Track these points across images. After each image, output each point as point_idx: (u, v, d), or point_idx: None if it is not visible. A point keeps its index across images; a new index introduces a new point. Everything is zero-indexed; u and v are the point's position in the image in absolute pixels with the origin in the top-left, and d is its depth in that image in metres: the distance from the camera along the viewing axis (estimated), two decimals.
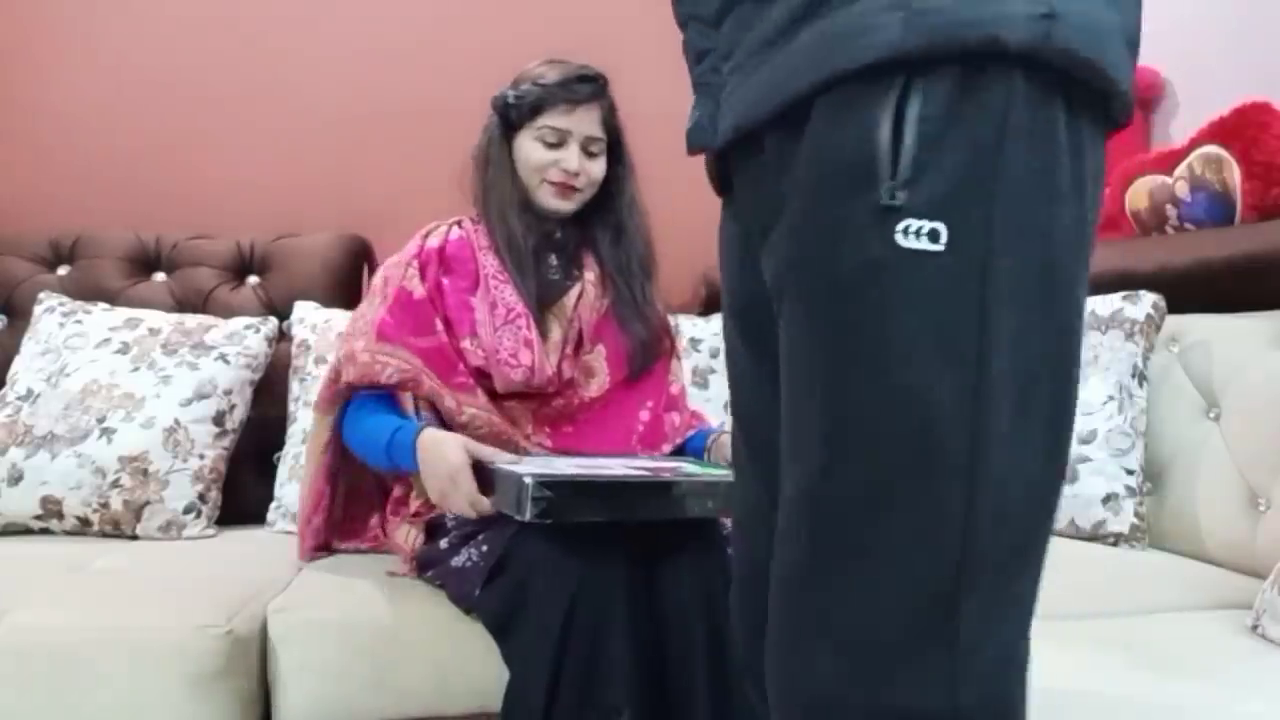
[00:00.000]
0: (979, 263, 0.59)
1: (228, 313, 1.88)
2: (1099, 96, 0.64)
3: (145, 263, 1.97)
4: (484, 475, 1.22)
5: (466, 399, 1.40)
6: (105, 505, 1.61)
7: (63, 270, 1.94)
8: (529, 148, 1.47)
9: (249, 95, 2.12)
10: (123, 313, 1.81)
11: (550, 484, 1.10)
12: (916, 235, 0.58)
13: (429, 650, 1.28)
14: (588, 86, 1.48)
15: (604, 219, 1.55)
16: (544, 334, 1.46)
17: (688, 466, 1.34)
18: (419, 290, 1.44)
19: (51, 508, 1.61)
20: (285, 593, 1.36)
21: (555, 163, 1.46)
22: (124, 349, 1.72)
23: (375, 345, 1.40)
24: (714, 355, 1.95)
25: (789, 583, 0.65)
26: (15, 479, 1.61)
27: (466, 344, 1.42)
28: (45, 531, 1.64)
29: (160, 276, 1.97)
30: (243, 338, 1.78)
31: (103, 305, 1.83)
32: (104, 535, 1.63)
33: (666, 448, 1.53)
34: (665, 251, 2.30)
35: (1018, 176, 0.60)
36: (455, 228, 1.53)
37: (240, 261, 1.99)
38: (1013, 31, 0.59)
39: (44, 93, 2.06)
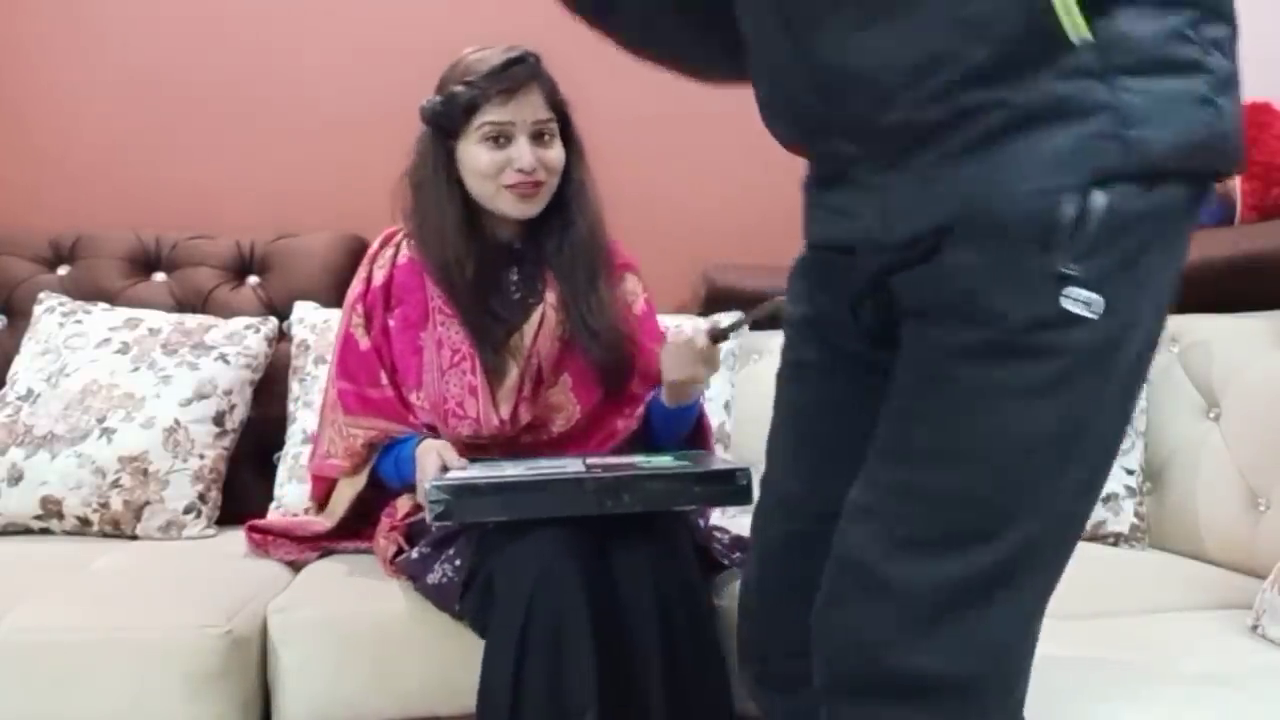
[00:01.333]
0: (1116, 336, 0.72)
1: (228, 313, 1.87)
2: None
3: (145, 263, 1.97)
4: None
5: (431, 436, 1.38)
6: (105, 505, 1.61)
7: (63, 270, 1.94)
8: (473, 153, 1.34)
9: (249, 95, 2.12)
10: (123, 313, 1.81)
11: (447, 487, 1.18)
12: (1076, 301, 0.70)
13: (428, 650, 1.28)
14: (520, 69, 1.34)
15: (550, 216, 1.41)
16: (500, 373, 1.37)
17: (638, 459, 1.33)
18: (364, 341, 1.40)
19: (51, 508, 1.61)
20: (285, 593, 1.36)
21: (508, 163, 1.33)
22: (124, 349, 1.72)
23: (345, 419, 1.40)
24: None
25: (865, 549, 0.77)
26: (15, 479, 1.61)
27: (414, 398, 1.39)
28: (45, 531, 1.64)
29: (160, 276, 1.97)
30: (243, 338, 1.77)
31: (103, 305, 1.83)
32: (104, 535, 1.63)
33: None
34: (665, 251, 2.30)
35: (1154, 270, 0.74)
36: (404, 247, 1.43)
37: (240, 261, 1.99)
38: (1206, 159, 0.73)
39: (43, 93, 2.06)
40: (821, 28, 0.76)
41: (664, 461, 1.32)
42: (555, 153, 1.37)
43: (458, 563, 1.26)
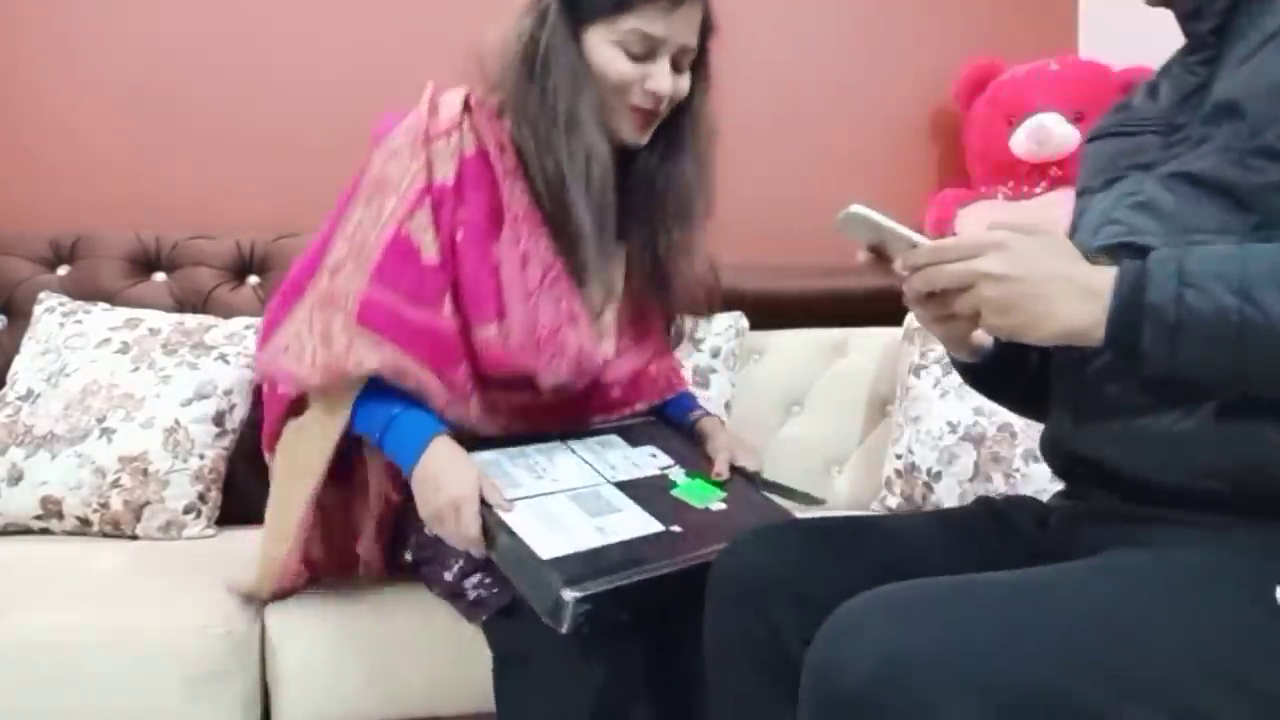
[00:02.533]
0: None
1: (228, 313, 1.87)
2: None
3: (145, 263, 1.97)
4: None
5: (455, 408, 1.15)
6: (105, 505, 1.61)
7: (63, 270, 1.94)
8: (607, 55, 1.13)
9: (249, 96, 2.12)
10: (123, 313, 1.81)
11: (590, 598, 0.97)
12: None
13: (427, 650, 1.28)
14: None
15: (655, 136, 1.20)
16: (592, 309, 1.17)
17: (682, 481, 1.25)
18: (430, 252, 1.11)
19: (51, 508, 1.61)
20: None
21: (642, 80, 1.13)
22: (124, 349, 1.72)
23: (356, 328, 1.10)
24: (714, 355, 1.95)
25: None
26: (15, 479, 1.61)
27: (489, 332, 1.12)
28: (45, 531, 1.63)
29: (160, 276, 1.97)
30: (243, 338, 1.77)
31: (103, 305, 1.83)
32: (104, 535, 1.63)
33: (640, 405, 1.34)
34: None
35: None
36: (468, 133, 1.16)
37: (240, 261, 1.99)
38: None
39: (43, 93, 2.05)
40: None
41: (698, 486, 1.25)
42: (686, 81, 1.19)
43: (487, 581, 1.14)
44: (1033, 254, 0.80)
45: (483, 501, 1.08)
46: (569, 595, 0.97)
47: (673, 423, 1.39)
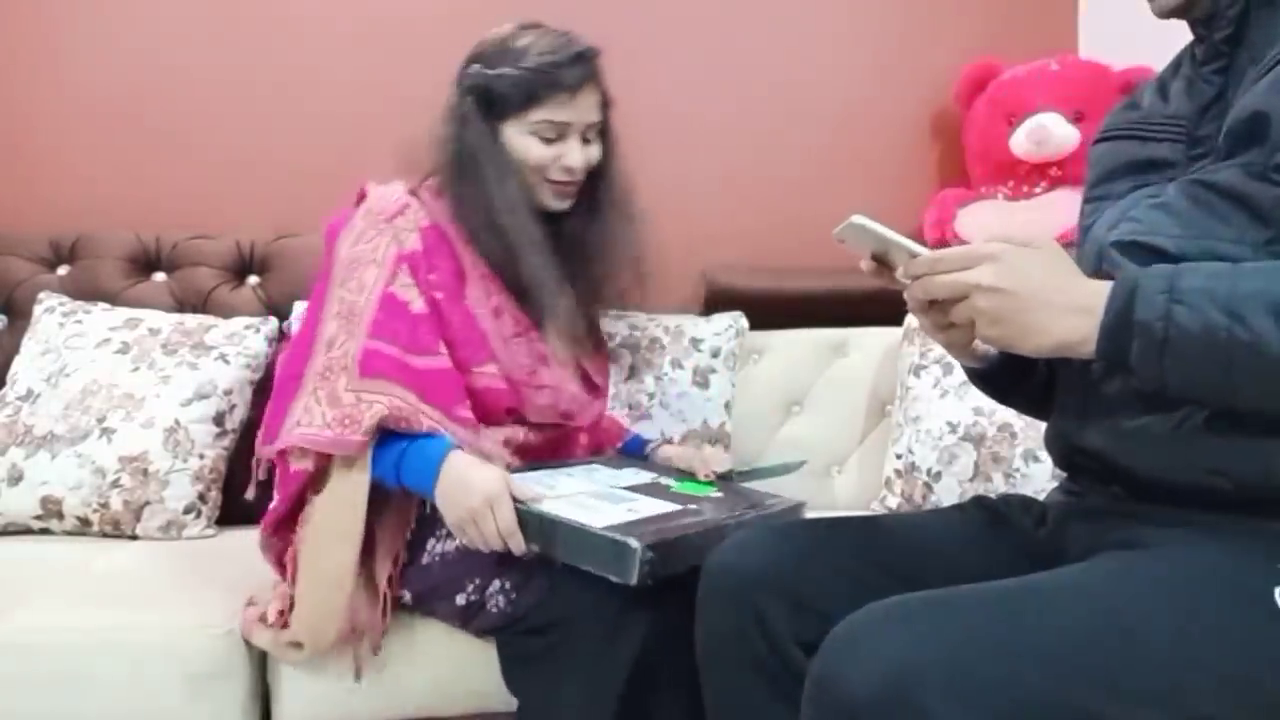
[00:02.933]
0: None
1: (228, 313, 1.88)
2: None
3: (145, 263, 1.97)
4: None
5: (467, 437, 1.20)
6: (105, 505, 1.61)
7: (63, 270, 1.94)
8: (523, 144, 1.28)
9: (249, 95, 2.12)
10: (123, 313, 1.81)
11: (653, 545, 1.04)
12: None
13: (429, 650, 1.28)
14: (584, 67, 1.28)
15: (588, 207, 1.35)
16: (557, 354, 1.33)
17: (676, 483, 1.33)
18: (418, 305, 1.23)
19: (51, 508, 1.61)
20: None
21: (556, 159, 1.28)
22: (124, 349, 1.72)
23: (361, 381, 1.17)
24: (714, 355, 1.95)
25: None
26: (15, 479, 1.61)
27: (491, 370, 1.25)
28: (45, 531, 1.64)
29: (160, 276, 1.97)
30: (243, 338, 1.77)
31: (103, 305, 1.83)
32: (104, 535, 1.63)
33: (609, 451, 1.50)
34: (665, 251, 2.29)
35: None
36: (420, 209, 1.30)
37: (240, 261, 1.99)
38: None
39: (44, 93, 2.06)
40: None
41: (688, 483, 1.34)
42: (596, 150, 1.34)
43: (514, 596, 1.17)
44: (1027, 267, 0.81)
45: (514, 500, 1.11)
46: (635, 544, 1.02)
47: (635, 457, 1.51)
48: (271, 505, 1.25)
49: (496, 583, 1.19)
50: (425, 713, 1.29)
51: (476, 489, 1.10)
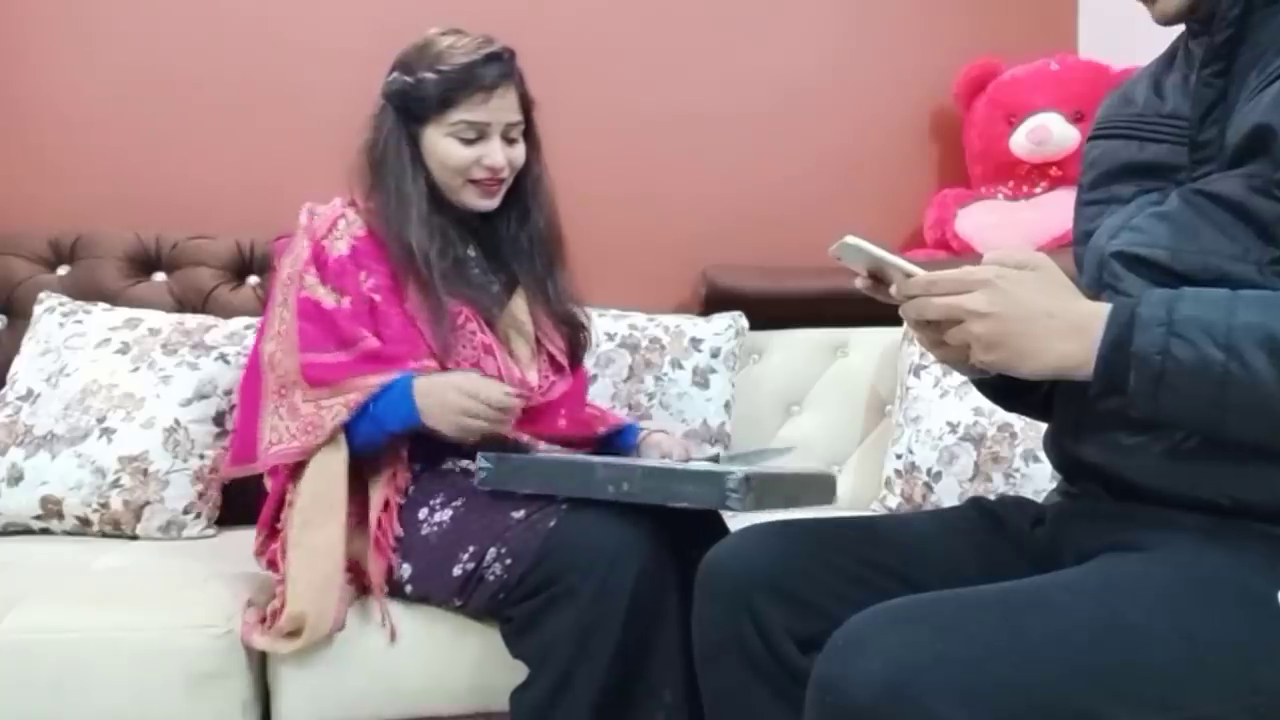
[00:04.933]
0: None
1: (228, 313, 1.87)
2: None
3: (145, 263, 1.97)
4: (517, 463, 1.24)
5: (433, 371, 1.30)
6: (105, 505, 1.61)
7: (63, 270, 1.94)
8: (444, 146, 1.33)
9: (249, 95, 2.11)
10: (123, 313, 1.81)
11: (750, 475, 1.11)
12: None
13: (429, 650, 1.28)
14: (498, 67, 1.32)
15: (507, 207, 1.42)
16: (508, 347, 1.38)
17: (683, 464, 1.35)
18: (329, 300, 1.30)
19: (51, 508, 1.61)
20: None
21: (478, 160, 1.33)
22: (124, 349, 1.72)
23: (312, 391, 1.27)
24: (714, 355, 1.95)
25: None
26: (15, 479, 1.61)
27: (428, 364, 1.29)
28: (45, 531, 1.64)
29: (160, 276, 1.97)
30: (243, 338, 1.77)
31: (103, 305, 1.83)
32: (104, 535, 1.63)
33: (595, 433, 1.50)
34: (665, 251, 2.30)
35: None
36: (354, 219, 1.37)
37: (240, 261, 1.99)
38: None
39: (44, 93, 2.05)
40: None
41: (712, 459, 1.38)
42: (520, 150, 1.39)
43: (509, 562, 1.18)
44: (1021, 291, 0.80)
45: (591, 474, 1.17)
46: (736, 472, 1.10)
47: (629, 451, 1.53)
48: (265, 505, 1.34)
49: (492, 550, 1.20)
50: (426, 711, 1.29)
51: (449, 389, 1.21)
